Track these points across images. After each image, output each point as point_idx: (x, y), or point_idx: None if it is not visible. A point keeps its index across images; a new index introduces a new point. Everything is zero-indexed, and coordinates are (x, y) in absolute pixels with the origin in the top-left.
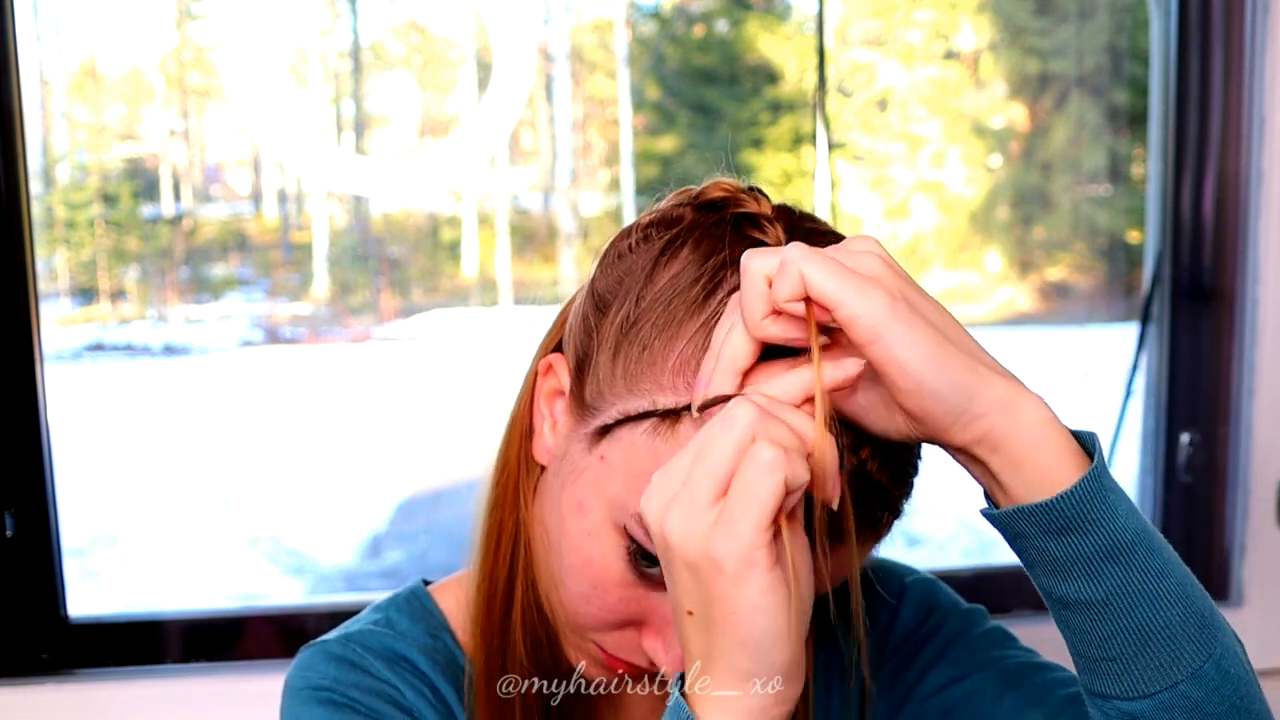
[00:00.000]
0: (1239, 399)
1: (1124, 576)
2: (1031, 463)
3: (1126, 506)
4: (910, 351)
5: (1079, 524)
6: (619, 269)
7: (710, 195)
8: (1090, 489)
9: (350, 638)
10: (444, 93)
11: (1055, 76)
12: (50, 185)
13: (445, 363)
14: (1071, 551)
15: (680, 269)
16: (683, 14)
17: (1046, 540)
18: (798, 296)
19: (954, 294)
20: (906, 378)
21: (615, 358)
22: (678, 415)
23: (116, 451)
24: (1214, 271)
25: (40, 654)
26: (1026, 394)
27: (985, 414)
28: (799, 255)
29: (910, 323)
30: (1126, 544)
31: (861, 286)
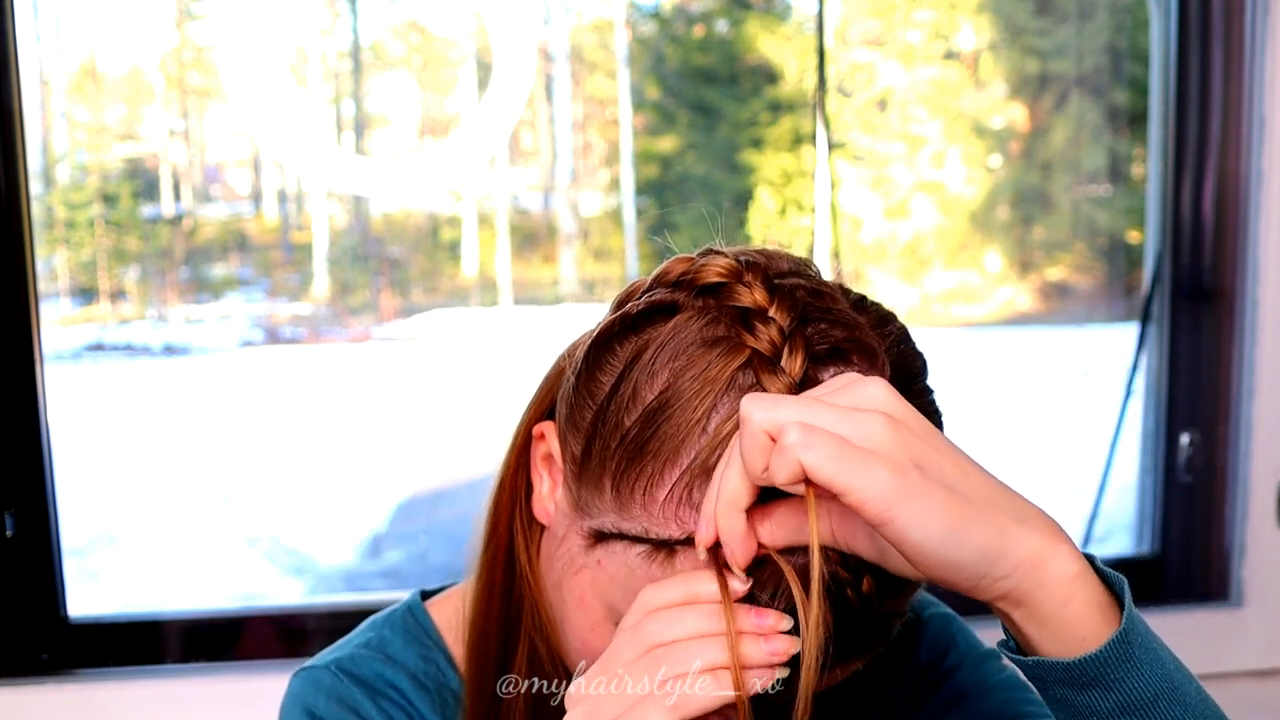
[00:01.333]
0: (1239, 399)
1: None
2: (1057, 622)
3: (1152, 658)
4: (924, 531)
5: (1102, 682)
6: (613, 361)
7: (705, 279)
8: (1116, 652)
9: (342, 665)
10: (444, 93)
11: (1055, 76)
12: (50, 185)
13: (445, 363)
14: (1091, 704)
15: (671, 385)
16: (683, 14)
17: (1066, 690)
18: (797, 480)
19: (954, 294)
20: (923, 556)
21: (608, 470)
22: (672, 548)
23: (116, 451)
24: (1214, 271)
25: (40, 654)
26: (1056, 547)
27: (1010, 574)
28: (798, 439)
29: (924, 497)
30: (1149, 699)
31: (867, 468)
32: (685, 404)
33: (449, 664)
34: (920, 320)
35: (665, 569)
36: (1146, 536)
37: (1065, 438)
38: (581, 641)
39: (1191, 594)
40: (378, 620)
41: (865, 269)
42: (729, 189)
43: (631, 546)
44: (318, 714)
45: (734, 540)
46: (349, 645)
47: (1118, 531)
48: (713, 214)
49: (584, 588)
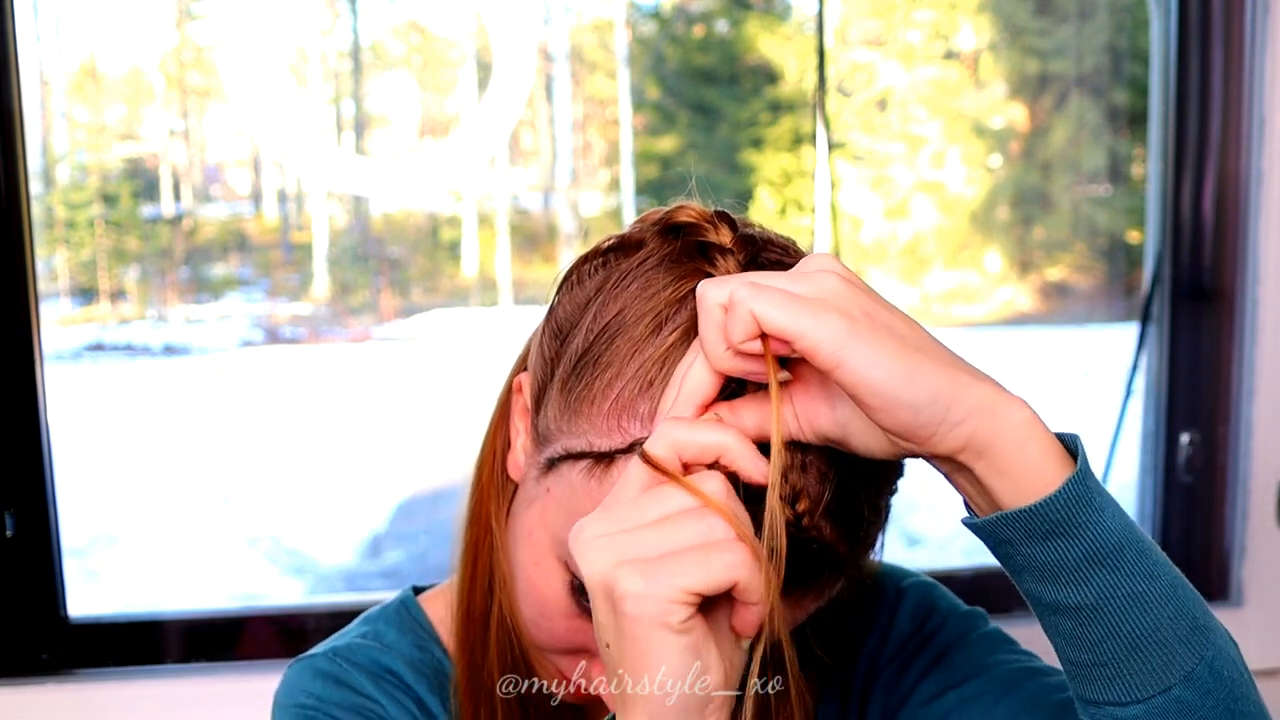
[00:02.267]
0: (1239, 399)
1: (1113, 580)
2: (1016, 465)
3: (1113, 508)
4: (877, 370)
5: (1065, 528)
6: (576, 295)
7: (675, 219)
8: (1075, 492)
9: (338, 652)
10: (444, 93)
11: (1055, 76)
12: (50, 185)
13: (445, 363)
14: (1058, 556)
15: (627, 304)
16: (683, 14)
17: (1032, 546)
18: (752, 335)
19: (954, 294)
20: (878, 396)
21: (562, 391)
22: (611, 458)
23: (116, 451)
24: (1214, 271)
25: (40, 654)
26: (1008, 396)
27: (965, 419)
28: (748, 294)
29: (874, 340)
30: (1114, 546)
31: (816, 313)
32: (636, 320)
33: (444, 654)
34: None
35: (603, 484)
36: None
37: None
38: (527, 582)
39: None
40: (371, 615)
41: (865, 269)
42: (729, 189)
43: (576, 464)
44: (314, 693)
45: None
46: (344, 637)
47: None
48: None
49: (533, 520)
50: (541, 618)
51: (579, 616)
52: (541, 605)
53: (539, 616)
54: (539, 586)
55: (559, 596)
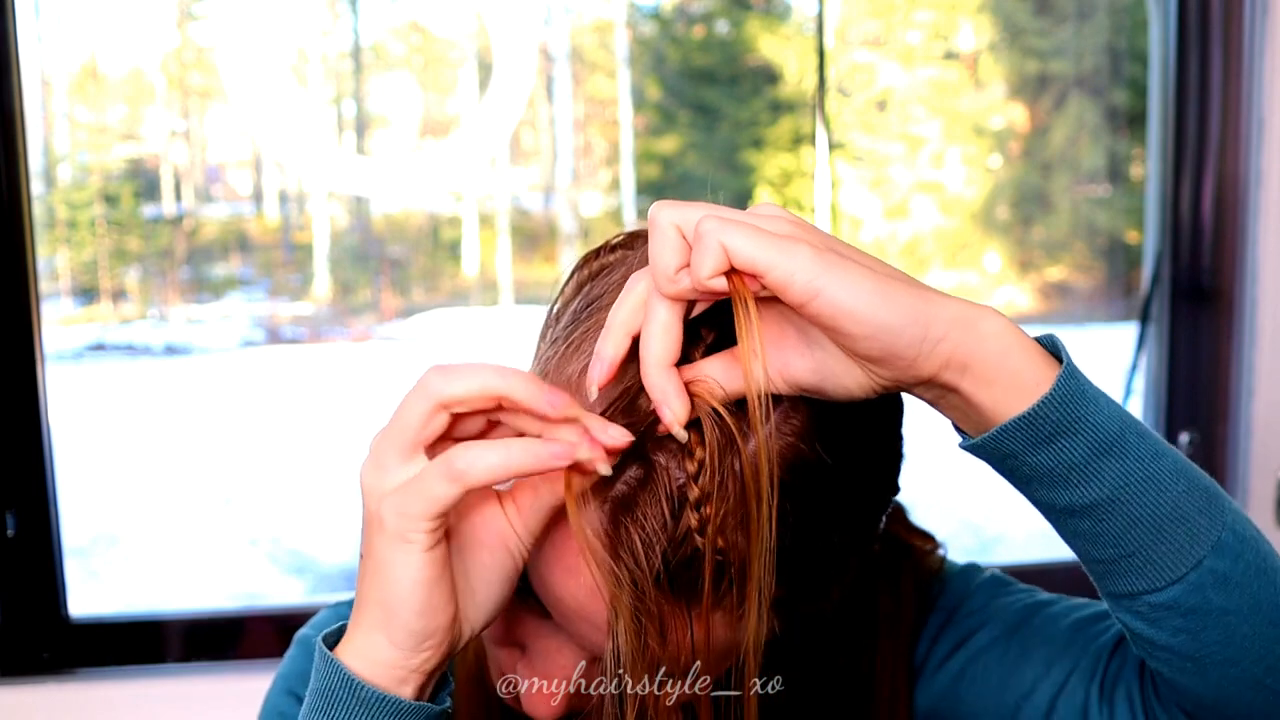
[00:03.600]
0: (1238, 399)
1: (1123, 467)
2: (1003, 373)
3: (1105, 397)
4: (854, 295)
5: (1066, 426)
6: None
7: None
8: (1068, 388)
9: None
10: (444, 93)
11: (1054, 77)
12: (52, 185)
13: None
14: (1066, 457)
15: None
16: (683, 14)
17: (1037, 452)
18: (721, 269)
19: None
20: (857, 321)
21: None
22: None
23: (117, 451)
24: (1213, 272)
25: (41, 653)
26: (979, 307)
27: (945, 335)
28: (716, 225)
29: (844, 268)
30: (1116, 434)
31: (785, 247)
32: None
33: None
34: None
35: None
36: None
37: None
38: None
39: None
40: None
41: None
42: (729, 189)
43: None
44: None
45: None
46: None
47: None
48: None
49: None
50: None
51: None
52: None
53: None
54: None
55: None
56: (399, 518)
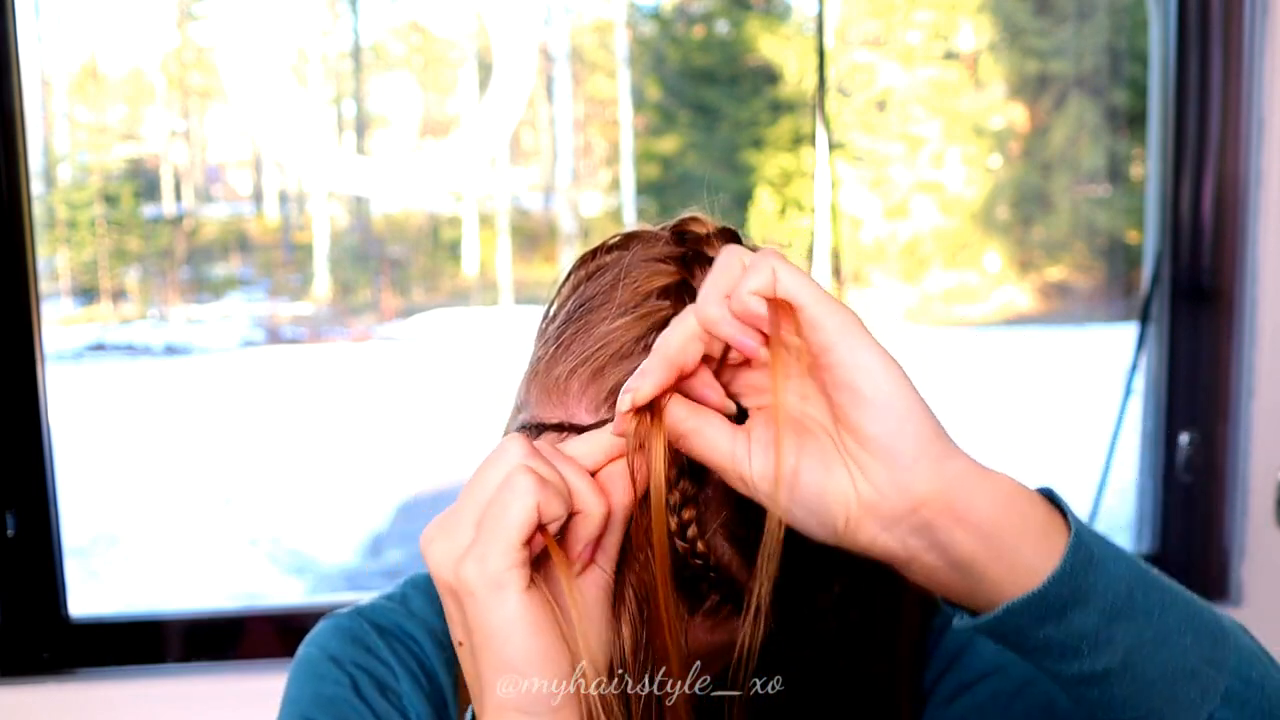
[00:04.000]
0: (1238, 399)
1: (1134, 629)
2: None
3: (1111, 552)
4: (878, 360)
5: (1076, 598)
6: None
7: (684, 226)
8: (1077, 558)
9: (362, 612)
10: (445, 93)
11: (1054, 77)
12: (52, 185)
13: (445, 363)
14: (1076, 629)
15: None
16: (683, 15)
17: (1046, 627)
18: (768, 291)
19: (954, 294)
20: (875, 385)
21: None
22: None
23: (118, 451)
24: (1213, 272)
25: (41, 653)
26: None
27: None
28: (773, 256)
29: (876, 341)
30: (1125, 595)
31: (828, 296)
32: (604, 305)
33: None
34: (920, 320)
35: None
36: (1146, 536)
37: (1065, 437)
38: None
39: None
40: (405, 580)
41: (865, 269)
42: (729, 189)
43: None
44: (329, 651)
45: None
46: (375, 598)
47: (1117, 531)
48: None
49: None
50: None
51: None
52: None
53: None
54: None
55: None
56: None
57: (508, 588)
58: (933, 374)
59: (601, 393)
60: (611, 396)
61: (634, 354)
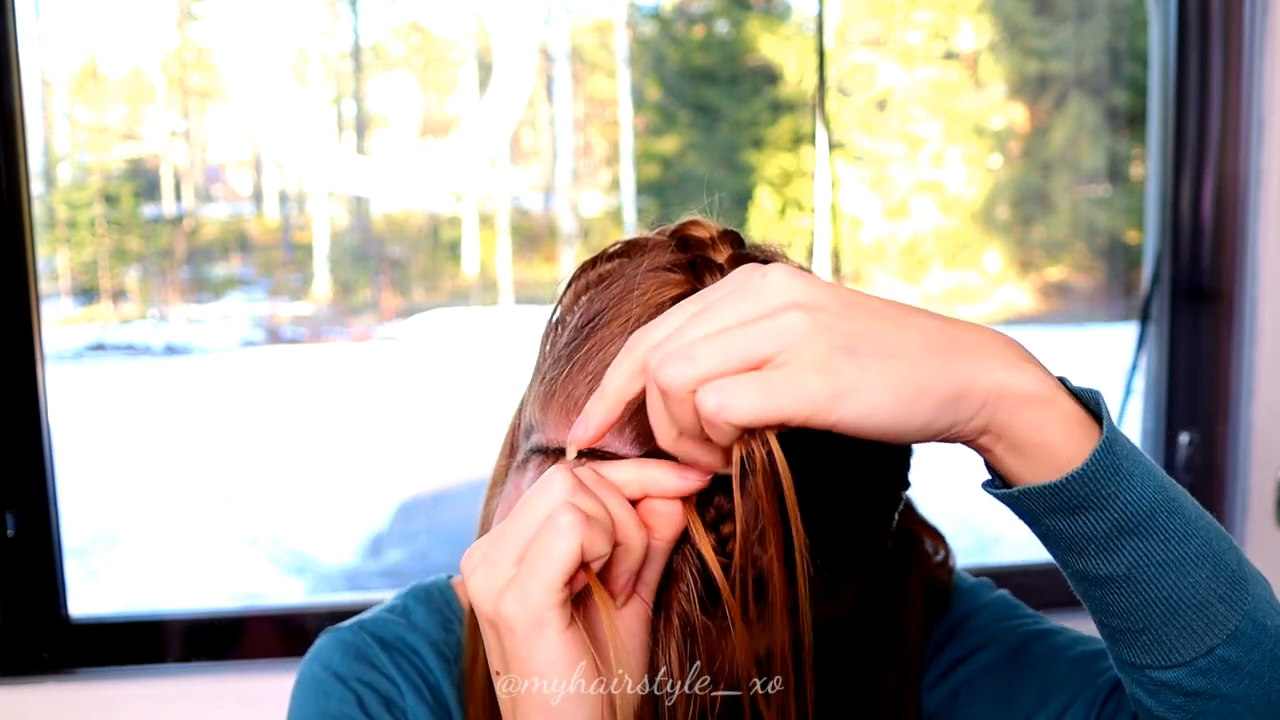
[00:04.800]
0: (1238, 399)
1: (1145, 547)
2: (1037, 447)
3: (1142, 470)
4: (877, 416)
5: (1092, 501)
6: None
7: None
8: (1102, 463)
9: (364, 625)
10: (445, 93)
11: (1054, 77)
12: (52, 185)
13: (446, 363)
14: (1086, 529)
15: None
16: (683, 14)
17: (1057, 519)
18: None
19: (954, 294)
20: (883, 432)
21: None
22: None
23: (118, 451)
24: (1213, 272)
25: (41, 653)
26: (1019, 371)
27: (978, 411)
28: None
29: (864, 384)
30: (1145, 513)
31: (793, 384)
32: (613, 320)
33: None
34: None
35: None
36: None
37: None
38: None
39: None
40: (405, 591)
41: (865, 269)
42: (729, 189)
43: (534, 460)
44: (332, 667)
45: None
46: (376, 610)
47: None
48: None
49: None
50: None
51: None
52: None
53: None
54: None
55: None
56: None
57: (548, 626)
58: None
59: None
60: (635, 418)
61: None
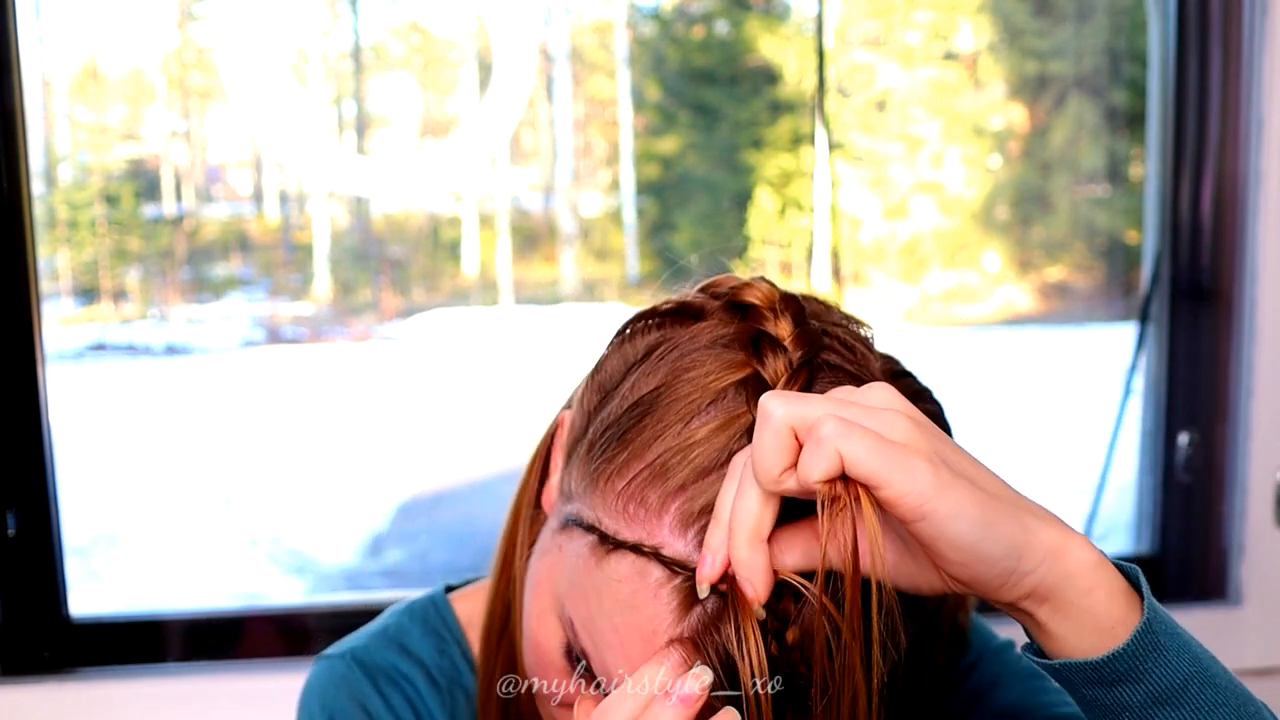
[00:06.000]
0: (1237, 398)
1: (1178, 716)
2: (1082, 612)
3: (1179, 644)
4: (960, 524)
5: (1131, 676)
6: (625, 353)
7: (741, 297)
8: (1143, 643)
9: (357, 655)
10: (445, 93)
11: (1054, 77)
12: (52, 185)
13: (446, 363)
14: (1123, 700)
15: (666, 382)
16: (683, 15)
17: (1095, 690)
18: (833, 475)
19: (953, 294)
20: (958, 551)
21: (588, 454)
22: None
23: (118, 451)
24: (1212, 272)
25: (42, 653)
26: (1072, 536)
27: (1036, 569)
28: (836, 431)
29: (955, 491)
30: (1179, 685)
31: (903, 461)
32: (670, 402)
33: (465, 661)
34: (920, 320)
35: (601, 566)
36: (1145, 536)
37: (1064, 437)
38: (529, 629)
39: (1190, 593)
40: (400, 608)
41: (865, 269)
42: (729, 189)
43: (584, 535)
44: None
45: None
46: (368, 633)
47: (1116, 531)
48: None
49: (543, 572)
50: (537, 666)
51: (571, 676)
52: (538, 655)
53: (535, 665)
54: (539, 638)
55: (555, 653)
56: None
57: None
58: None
59: (687, 515)
60: (696, 521)
61: (714, 466)
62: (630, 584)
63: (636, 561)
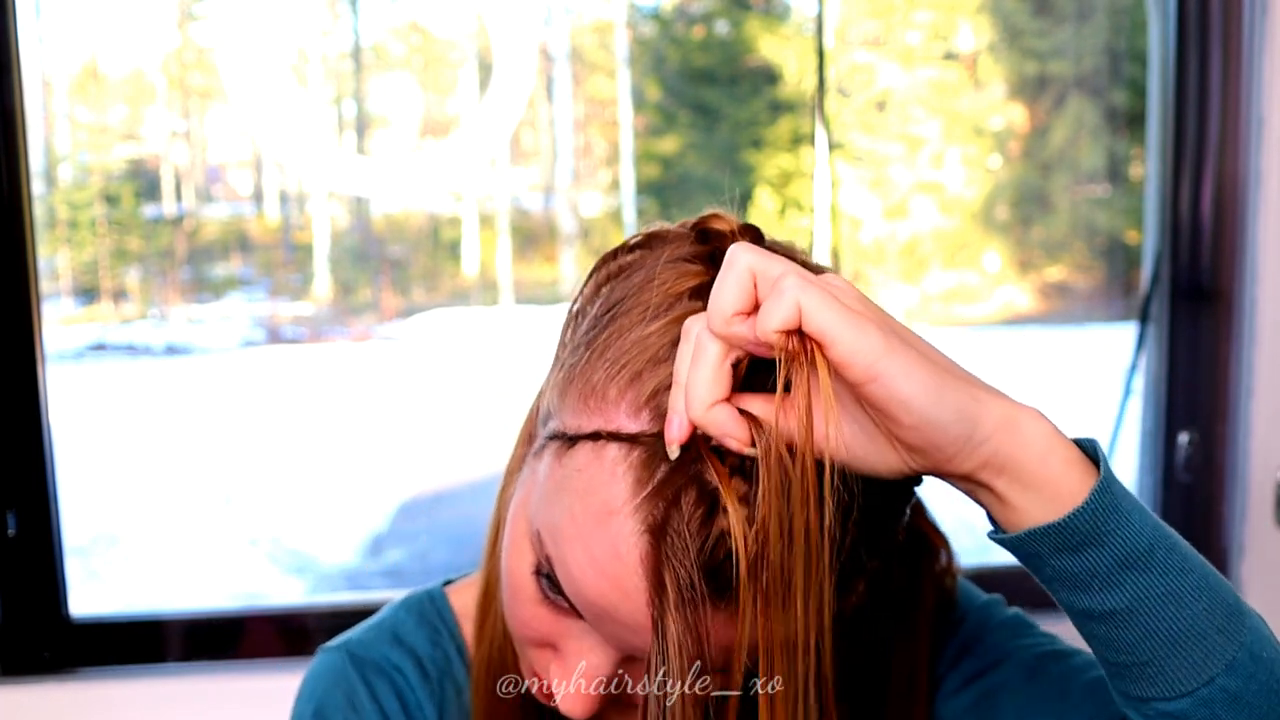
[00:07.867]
0: (1237, 398)
1: (1146, 581)
2: (1039, 479)
3: (1139, 510)
4: (911, 385)
5: (1094, 538)
6: (597, 279)
7: (706, 224)
8: (1102, 502)
9: (352, 649)
10: (445, 93)
11: (1054, 77)
12: (52, 185)
13: (446, 363)
14: (1089, 565)
15: (629, 292)
16: (683, 15)
17: (1062, 558)
18: (790, 326)
19: (954, 294)
20: (910, 413)
21: (558, 371)
22: (574, 441)
23: (118, 451)
24: (1212, 272)
25: (42, 653)
26: (1025, 409)
27: (990, 437)
28: (796, 284)
29: (905, 356)
30: (1144, 549)
31: (857, 323)
32: (632, 309)
33: (458, 654)
34: (920, 320)
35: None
36: None
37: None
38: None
39: None
40: (398, 602)
41: (865, 269)
42: (729, 189)
43: (551, 446)
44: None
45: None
46: (365, 626)
47: None
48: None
49: (519, 503)
50: (512, 602)
51: (542, 603)
52: (512, 589)
53: (510, 601)
54: (512, 569)
55: (525, 579)
56: None
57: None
58: None
59: (640, 397)
60: (650, 400)
61: (669, 357)
62: (588, 470)
63: (594, 447)
